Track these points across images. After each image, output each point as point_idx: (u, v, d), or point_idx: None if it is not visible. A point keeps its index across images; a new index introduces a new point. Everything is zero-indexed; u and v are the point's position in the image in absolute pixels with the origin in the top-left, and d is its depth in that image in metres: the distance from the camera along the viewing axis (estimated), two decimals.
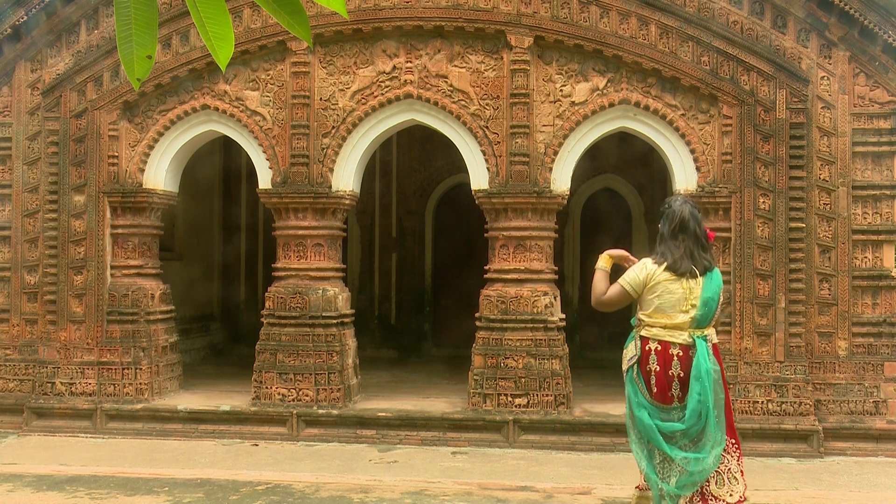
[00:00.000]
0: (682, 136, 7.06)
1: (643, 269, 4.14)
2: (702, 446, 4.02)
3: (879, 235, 6.97)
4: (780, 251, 6.89)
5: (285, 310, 7.39)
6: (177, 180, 7.96)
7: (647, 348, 4.13)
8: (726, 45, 6.92)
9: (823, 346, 6.97)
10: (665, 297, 4.08)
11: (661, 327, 4.09)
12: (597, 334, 11.28)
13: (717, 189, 6.96)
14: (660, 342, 4.10)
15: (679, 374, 4.05)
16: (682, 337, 4.07)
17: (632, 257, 4.33)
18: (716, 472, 4.09)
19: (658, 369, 4.08)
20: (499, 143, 7.20)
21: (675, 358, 4.05)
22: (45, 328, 7.66)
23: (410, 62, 7.32)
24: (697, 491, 4.08)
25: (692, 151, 7.04)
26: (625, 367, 4.23)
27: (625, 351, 4.29)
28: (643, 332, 4.16)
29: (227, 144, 9.87)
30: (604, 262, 4.27)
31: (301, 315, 7.34)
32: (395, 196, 11.67)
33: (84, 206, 7.57)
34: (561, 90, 7.19)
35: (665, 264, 4.10)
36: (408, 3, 7.23)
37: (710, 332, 4.16)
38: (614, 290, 4.16)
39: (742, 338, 6.90)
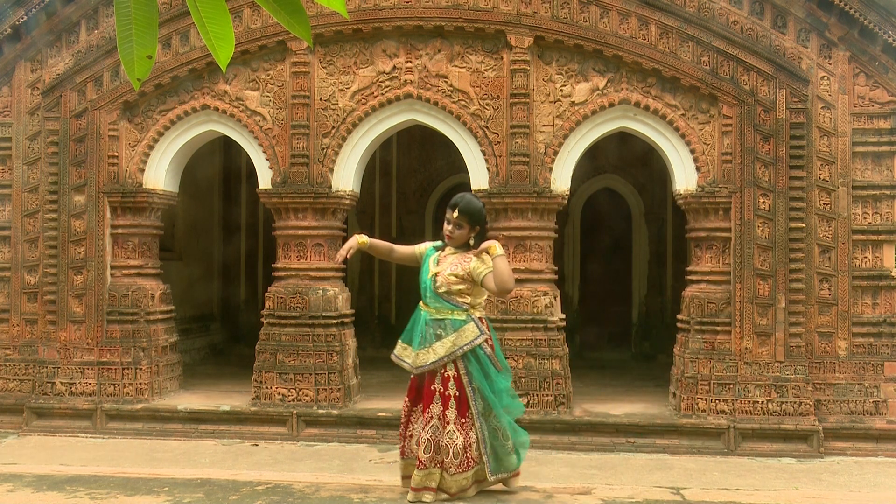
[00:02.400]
0: (682, 136, 7.06)
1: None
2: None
3: (879, 235, 6.96)
4: (780, 251, 6.89)
5: (285, 310, 7.39)
6: (177, 180, 7.96)
7: (487, 327, 4.70)
8: (726, 45, 6.92)
9: (823, 346, 6.97)
10: None
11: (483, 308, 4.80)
12: (597, 334, 11.30)
13: (717, 189, 6.96)
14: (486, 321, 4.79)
15: None
16: None
17: None
18: None
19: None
20: (499, 143, 7.20)
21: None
22: (45, 328, 7.66)
23: (410, 62, 7.32)
24: None
25: (692, 151, 7.04)
26: (470, 346, 4.57)
27: (461, 332, 4.58)
28: (481, 314, 4.71)
29: (227, 144, 9.87)
30: (502, 249, 4.64)
31: (301, 315, 7.34)
32: (395, 196, 11.67)
33: (84, 206, 7.57)
34: (561, 90, 7.19)
35: None
36: (408, 3, 7.23)
37: None
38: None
39: (742, 338, 6.90)
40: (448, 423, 4.51)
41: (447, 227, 4.67)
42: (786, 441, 6.78)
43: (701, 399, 6.90)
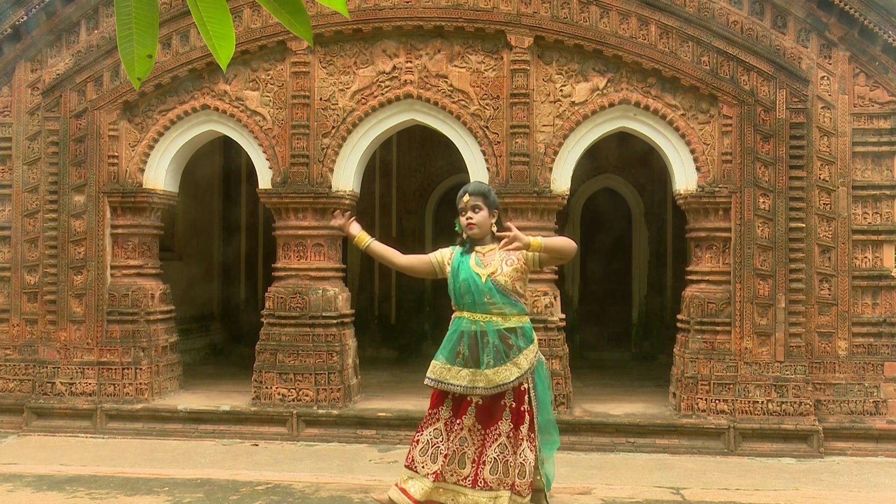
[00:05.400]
0: (682, 136, 7.06)
1: None
2: None
3: (879, 235, 6.96)
4: (780, 251, 6.89)
5: (285, 310, 7.39)
6: (177, 180, 7.96)
7: None
8: (726, 45, 6.92)
9: (823, 346, 6.97)
10: None
11: None
12: (597, 334, 11.30)
13: (717, 189, 6.96)
14: None
15: None
16: None
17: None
18: None
19: None
20: (499, 143, 7.20)
21: None
22: (45, 328, 7.66)
23: (410, 62, 7.32)
24: None
25: (692, 151, 7.04)
26: (533, 361, 4.16)
27: (534, 339, 4.21)
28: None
29: (227, 144, 9.88)
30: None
31: (301, 315, 7.34)
32: (395, 196, 11.67)
33: (84, 206, 7.56)
34: (561, 90, 7.19)
35: None
36: (408, 3, 7.23)
37: None
38: None
39: (742, 338, 6.90)
40: (521, 442, 4.07)
41: (466, 217, 4.19)
42: (786, 441, 6.78)
43: (701, 399, 6.90)
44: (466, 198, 4.21)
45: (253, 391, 7.40)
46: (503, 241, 4.00)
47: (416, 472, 4.19)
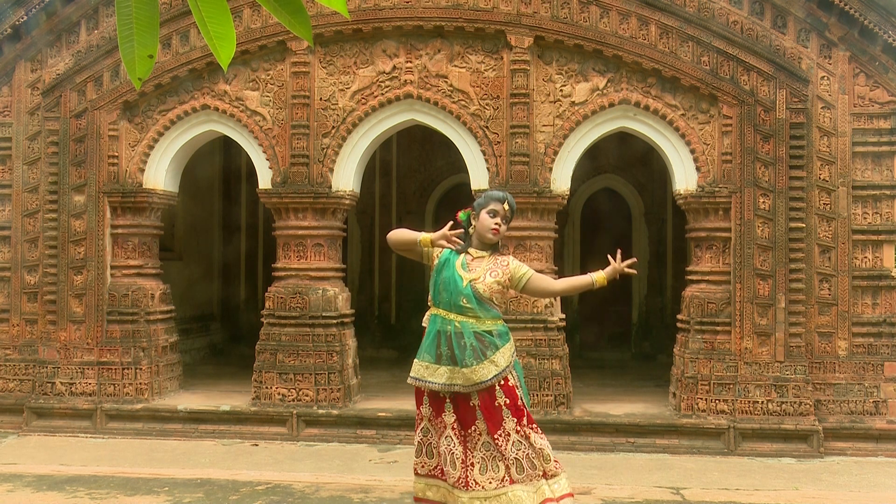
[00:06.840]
0: (682, 136, 7.06)
1: None
2: None
3: (879, 235, 6.97)
4: (780, 251, 6.89)
5: (285, 310, 7.39)
6: (177, 180, 7.96)
7: None
8: (726, 45, 6.92)
9: (823, 346, 6.97)
10: None
11: None
12: (597, 334, 11.30)
13: (717, 189, 6.96)
14: None
15: None
16: None
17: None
18: None
19: None
20: (499, 143, 7.20)
21: None
22: (45, 328, 7.66)
23: (410, 62, 7.33)
24: None
25: (692, 151, 7.04)
26: (510, 359, 4.25)
27: (510, 339, 4.32)
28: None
29: (227, 144, 9.88)
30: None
31: (301, 315, 7.34)
32: (395, 196, 11.67)
33: (84, 206, 7.57)
34: (561, 90, 7.19)
35: None
36: (408, 3, 7.23)
37: None
38: None
39: (742, 338, 6.90)
40: (531, 433, 4.12)
41: (495, 221, 4.23)
42: (786, 441, 6.78)
43: (701, 399, 6.90)
44: (506, 207, 4.28)
45: (253, 391, 7.40)
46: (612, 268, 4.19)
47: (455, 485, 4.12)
